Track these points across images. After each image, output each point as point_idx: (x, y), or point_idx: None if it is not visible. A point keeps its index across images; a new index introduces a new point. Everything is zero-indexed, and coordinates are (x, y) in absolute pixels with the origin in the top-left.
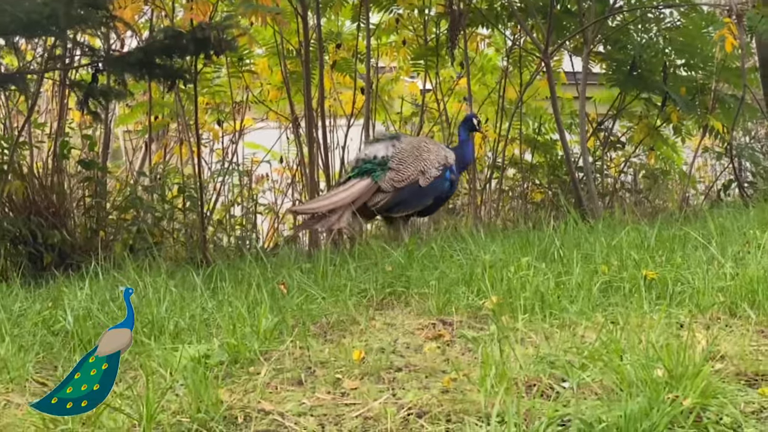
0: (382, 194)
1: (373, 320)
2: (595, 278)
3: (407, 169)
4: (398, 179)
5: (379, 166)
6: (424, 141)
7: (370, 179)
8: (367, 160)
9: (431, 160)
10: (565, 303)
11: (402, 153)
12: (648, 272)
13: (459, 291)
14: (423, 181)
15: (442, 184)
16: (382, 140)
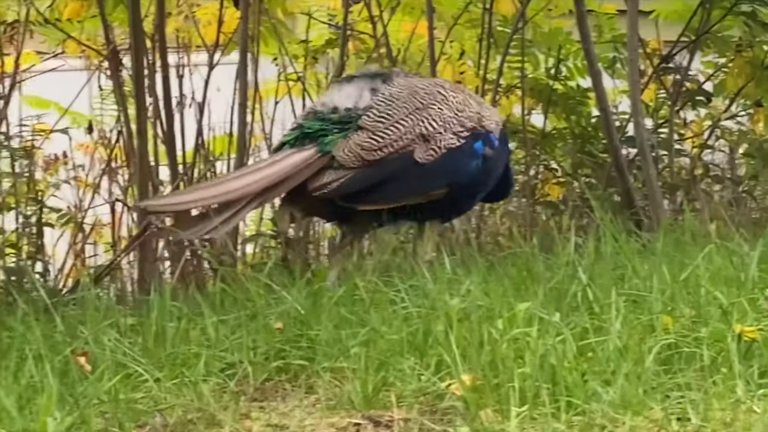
0: (336, 171)
1: (248, 419)
2: (651, 339)
3: (391, 130)
4: (370, 146)
5: (337, 125)
6: (441, 84)
7: (314, 149)
8: (319, 115)
9: (445, 117)
10: (594, 384)
11: (389, 101)
12: (745, 328)
13: (404, 365)
14: (422, 152)
15: (465, 161)
16: (358, 79)
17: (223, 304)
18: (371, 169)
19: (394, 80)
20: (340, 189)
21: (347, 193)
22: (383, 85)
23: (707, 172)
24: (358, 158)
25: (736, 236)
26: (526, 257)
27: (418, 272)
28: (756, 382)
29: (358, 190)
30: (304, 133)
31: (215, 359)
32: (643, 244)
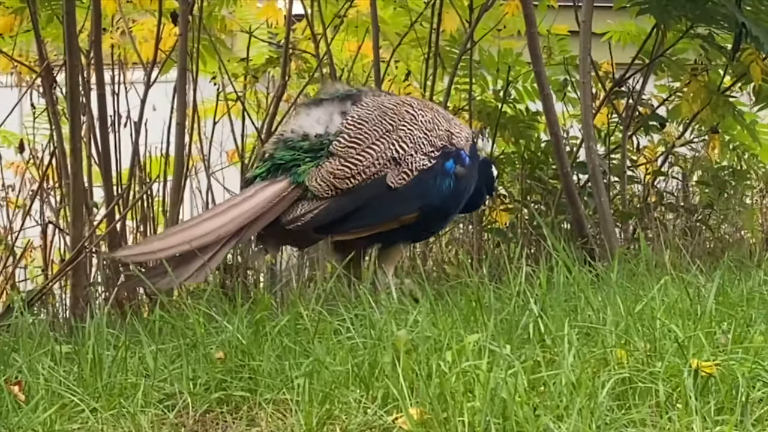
0: (310, 202)
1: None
2: (604, 374)
3: (364, 156)
4: (343, 174)
5: (309, 153)
6: (409, 103)
7: (287, 180)
8: (289, 144)
9: (416, 139)
10: (546, 420)
11: (359, 125)
12: (702, 363)
13: (349, 397)
14: (395, 176)
15: (438, 181)
16: (328, 102)
17: (161, 332)
18: (345, 197)
19: (363, 101)
20: (315, 220)
21: (321, 225)
22: (354, 107)
23: (661, 199)
24: (331, 187)
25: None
26: (476, 287)
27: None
28: (713, 418)
29: (332, 221)
30: (275, 165)
31: (154, 389)
32: (596, 274)
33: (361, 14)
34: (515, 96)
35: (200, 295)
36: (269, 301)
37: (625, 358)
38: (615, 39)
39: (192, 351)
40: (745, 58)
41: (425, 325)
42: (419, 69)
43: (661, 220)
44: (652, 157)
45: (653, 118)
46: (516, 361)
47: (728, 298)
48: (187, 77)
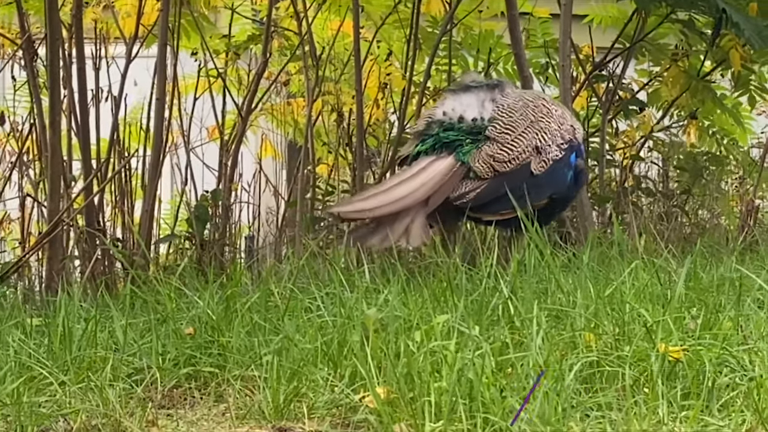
0: (472, 182)
1: (155, 426)
2: (572, 357)
3: (517, 143)
4: (502, 158)
5: (469, 135)
6: (543, 98)
7: (453, 157)
8: (446, 125)
9: (552, 131)
10: (512, 401)
11: (510, 114)
12: (669, 348)
13: (317, 375)
14: (537, 164)
15: (564, 172)
16: (476, 89)
17: (133, 307)
18: (501, 179)
19: (507, 91)
20: (477, 199)
21: (481, 204)
22: (501, 96)
23: (638, 184)
24: (491, 169)
25: (665, 252)
26: (447, 268)
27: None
28: (679, 403)
29: (488, 201)
30: (440, 142)
31: (123, 364)
32: (568, 257)
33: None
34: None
35: (174, 270)
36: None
37: (593, 342)
38: (596, 22)
39: (162, 326)
40: (725, 44)
41: (395, 305)
42: (401, 49)
43: (638, 204)
44: (630, 142)
45: (633, 102)
46: (484, 342)
47: (699, 284)
48: (168, 53)
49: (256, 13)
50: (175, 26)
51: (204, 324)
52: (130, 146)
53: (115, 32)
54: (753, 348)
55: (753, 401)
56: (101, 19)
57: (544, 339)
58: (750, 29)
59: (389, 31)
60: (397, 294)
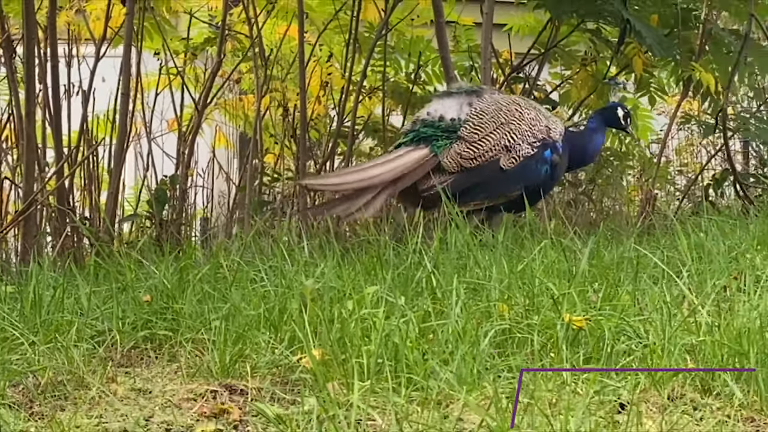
0: (442, 175)
1: (114, 383)
2: (487, 324)
3: (484, 142)
4: (468, 155)
5: (445, 132)
6: (518, 102)
7: (428, 149)
8: (428, 123)
9: (523, 131)
10: (433, 363)
11: (480, 116)
12: (573, 317)
13: (260, 339)
14: (506, 160)
15: (536, 167)
16: (457, 95)
17: (97, 277)
18: (468, 174)
19: (485, 96)
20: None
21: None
22: (478, 101)
23: None
24: (458, 165)
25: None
26: (378, 245)
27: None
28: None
29: (454, 193)
30: (419, 136)
31: (86, 327)
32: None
33: (291, 1)
34: (425, 78)
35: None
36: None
37: (506, 312)
38: (515, 30)
39: (122, 294)
40: (628, 51)
41: (330, 277)
42: (341, 52)
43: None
44: None
45: (546, 101)
46: (409, 311)
47: (601, 262)
48: (132, 52)
49: (212, 18)
50: (140, 29)
51: (160, 292)
52: (97, 135)
53: (86, 34)
54: (648, 318)
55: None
56: (73, 22)
57: (462, 309)
58: (651, 38)
59: (330, 36)
60: (332, 267)
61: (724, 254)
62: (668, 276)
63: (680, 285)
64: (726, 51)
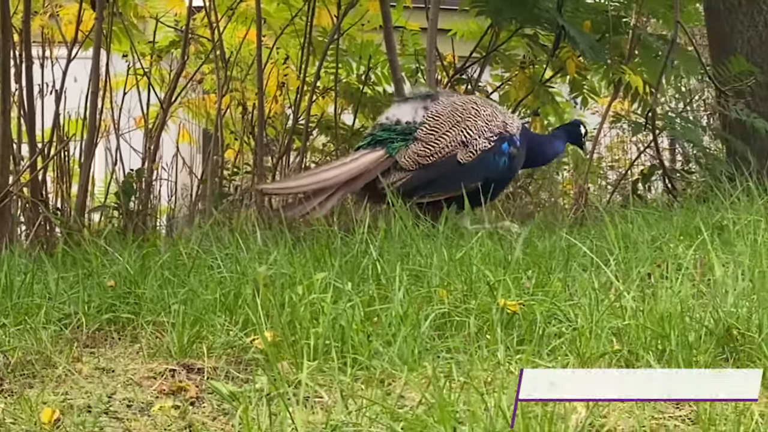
0: (400, 173)
1: (79, 362)
2: (428, 308)
3: (440, 141)
4: (424, 153)
5: (401, 135)
6: (474, 101)
7: (384, 151)
8: (385, 127)
9: (478, 127)
10: (377, 344)
11: (436, 118)
12: (508, 302)
13: (216, 321)
14: (463, 155)
15: (494, 160)
16: (413, 100)
17: (65, 264)
18: (425, 170)
19: (441, 100)
20: (403, 186)
21: (408, 190)
22: (433, 104)
23: None
24: (415, 162)
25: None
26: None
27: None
28: (515, 348)
29: (415, 187)
30: (375, 140)
31: (54, 310)
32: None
33: (250, 8)
34: (374, 80)
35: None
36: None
37: (445, 297)
38: (459, 35)
39: (88, 279)
40: (563, 55)
41: (282, 264)
42: (296, 55)
43: None
44: None
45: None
46: (355, 296)
47: (535, 250)
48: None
49: (176, 22)
50: (109, 32)
51: (123, 278)
52: (69, 132)
53: (59, 37)
54: (577, 303)
55: (576, 347)
56: (47, 26)
57: (404, 294)
58: (584, 43)
59: (287, 40)
60: (284, 255)
61: (649, 244)
62: (597, 264)
63: (608, 272)
64: (654, 55)
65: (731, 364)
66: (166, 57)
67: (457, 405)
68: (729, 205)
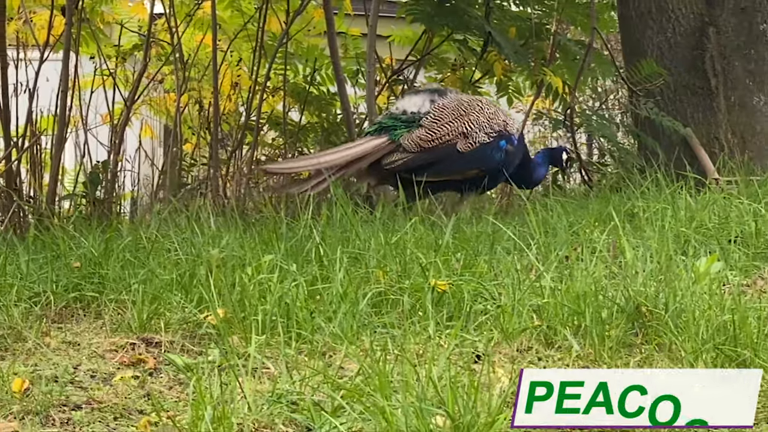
0: (401, 154)
1: (48, 336)
2: (365, 287)
3: (442, 129)
4: (427, 138)
5: (405, 123)
6: (480, 100)
7: (387, 137)
8: (392, 115)
9: (480, 122)
10: (319, 320)
11: (442, 110)
12: (438, 282)
13: (172, 299)
14: (463, 145)
15: (492, 153)
16: (423, 92)
17: (35, 247)
18: (425, 153)
19: (448, 95)
20: (403, 165)
21: (408, 169)
22: (440, 98)
23: None
24: (417, 146)
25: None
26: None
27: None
28: (444, 323)
29: (415, 167)
30: (381, 127)
31: (25, 289)
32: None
33: (206, 14)
34: (319, 80)
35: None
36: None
37: (382, 277)
38: (396, 40)
39: (56, 261)
40: (490, 58)
41: (233, 247)
42: (248, 57)
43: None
44: None
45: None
46: (299, 276)
47: (463, 235)
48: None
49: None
50: (78, 37)
51: (88, 260)
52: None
53: (32, 40)
54: (501, 283)
55: (500, 323)
56: (21, 30)
57: (345, 274)
58: (508, 48)
59: (239, 43)
60: (235, 239)
61: (567, 229)
62: (519, 247)
63: (529, 255)
64: (573, 58)
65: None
66: (129, 59)
67: (392, 375)
68: (639, 195)
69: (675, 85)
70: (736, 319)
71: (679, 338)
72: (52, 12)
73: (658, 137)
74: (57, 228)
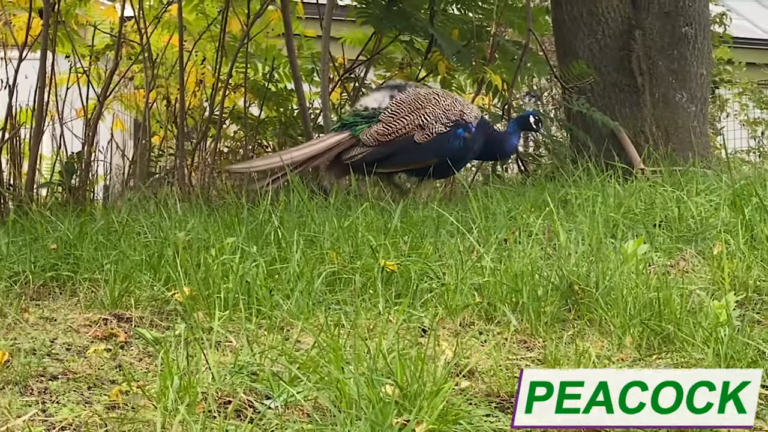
0: (361, 148)
1: (26, 313)
2: (320, 268)
3: (398, 122)
4: (384, 132)
5: (366, 119)
6: (436, 93)
7: (349, 133)
8: (354, 113)
9: (436, 114)
10: (277, 298)
11: (399, 104)
12: (387, 262)
13: (142, 278)
14: (420, 136)
15: (450, 142)
16: (384, 89)
17: (15, 230)
18: (383, 147)
19: (407, 90)
20: (363, 158)
21: (367, 162)
22: (399, 93)
23: None
24: (375, 140)
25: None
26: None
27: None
28: (393, 301)
29: (374, 160)
30: (343, 123)
31: (5, 269)
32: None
33: (173, 17)
34: (278, 78)
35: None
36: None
37: (335, 258)
38: (348, 42)
39: (34, 243)
40: (434, 58)
41: (198, 230)
42: (212, 57)
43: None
44: None
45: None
46: (259, 257)
47: (411, 220)
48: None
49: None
50: (54, 37)
51: (64, 242)
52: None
53: (12, 41)
54: (445, 264)
55: (444, 300)
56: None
57: (301, 256)
58: (449, 49)
59: (204, 44)
60: (200, 223)
61: (505, 214)
62: (462, 231)
63: (471, 238)
64: (511, 58)
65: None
66: (102, 58)
67: (345, 348)
68: (572, 183)
69: (604, 83)
70: (661, 296)
71: (608, 314)
72: (30, 14)
73: (589, 131)
74: (35, 213)
